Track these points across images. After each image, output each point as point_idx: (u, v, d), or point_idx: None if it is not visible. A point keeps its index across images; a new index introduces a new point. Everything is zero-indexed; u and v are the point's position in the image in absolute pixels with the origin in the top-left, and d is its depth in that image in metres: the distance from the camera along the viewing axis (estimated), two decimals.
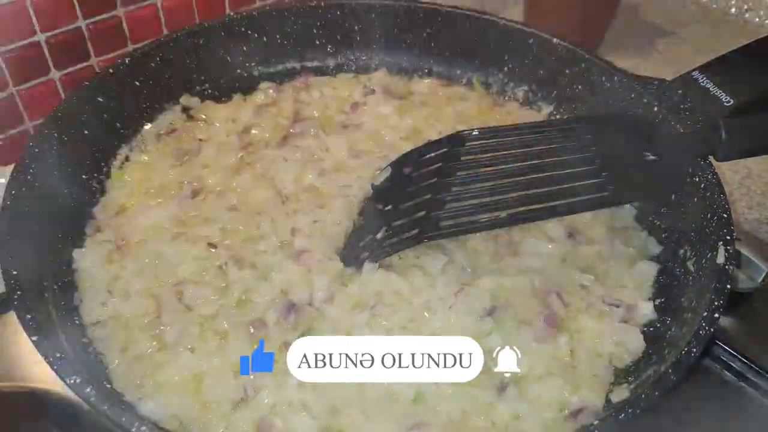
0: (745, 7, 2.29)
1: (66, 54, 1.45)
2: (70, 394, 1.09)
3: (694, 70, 1.29)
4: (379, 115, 1.46)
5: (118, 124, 1.34)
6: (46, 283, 1.04)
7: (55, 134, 1.17)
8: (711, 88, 1.25)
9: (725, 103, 1.22)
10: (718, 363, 1.23)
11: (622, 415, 0.79)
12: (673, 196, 1.21)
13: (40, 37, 1.39)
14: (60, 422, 1.08)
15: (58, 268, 1.11)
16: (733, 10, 2.32)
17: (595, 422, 0.78)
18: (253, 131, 1.41)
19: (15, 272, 0.92)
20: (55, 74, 1.45)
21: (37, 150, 1.12)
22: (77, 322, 1.05)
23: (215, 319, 1.05)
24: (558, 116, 1.50)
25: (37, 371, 1.15)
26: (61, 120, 1.19)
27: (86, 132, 1.25)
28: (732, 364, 1.22)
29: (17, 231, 1.01)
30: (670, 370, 0.83)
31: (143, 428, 0.75)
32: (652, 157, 1.12)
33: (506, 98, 1.56)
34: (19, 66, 1.39)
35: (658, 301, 1.12)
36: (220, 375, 0.98)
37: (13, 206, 1.03)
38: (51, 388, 1.13)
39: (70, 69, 1.47)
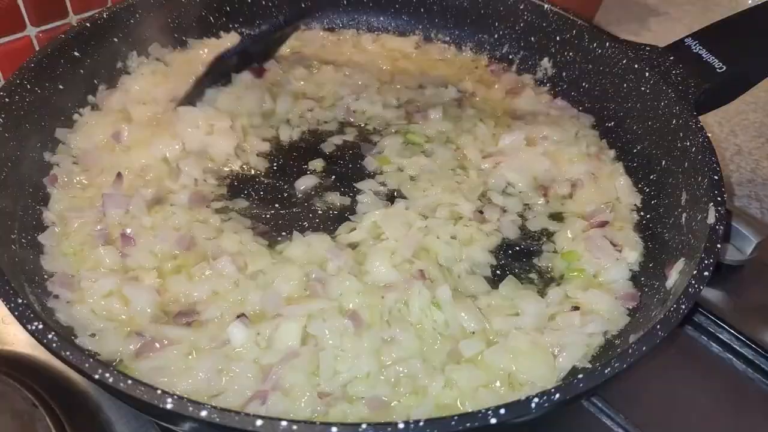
0: None
1: (43, 10, 1.40)
2: (39, 356, 1.08)
3: (687, 36, 1.27)
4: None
5: (95, 81, 1.30)
6: (14, 236, 1.00)
7: (27, 85, 1.12)
8: (704, 55, 1.24)
9: (718, 70, 1.21)
10: (705, 334, 1.21)
11: (608, 369, 0.76)
12: (663, 162, 1.19)
13: None
14: (28, 385, 1.04)
15: (28, 221, 1.07)
16: None
17: (580, 376, 0.75)
18: None
19: None
20: (31, 30, 1.40)
21: (7, 100, 1.07)
22: (44, 276, 1.01)
23: None
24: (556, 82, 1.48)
25: (6, 333, 1.12)
26: (34, 71, 1.14)
27: (60, 86, 1.21)
28: (719, 335, 1.20)
29: None
30: (658, 326, 0.81)
31: (106, 374, 0.71)
32: None
33: (503, 64, 1.55)
34: None
35: (650, 265, 1.11)
36: None
37: None
38: (19, 350, 1.10)
39: (48, 26, 1.42)
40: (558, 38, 1.43)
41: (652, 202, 1.20)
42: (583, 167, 1.28)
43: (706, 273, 0.88)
